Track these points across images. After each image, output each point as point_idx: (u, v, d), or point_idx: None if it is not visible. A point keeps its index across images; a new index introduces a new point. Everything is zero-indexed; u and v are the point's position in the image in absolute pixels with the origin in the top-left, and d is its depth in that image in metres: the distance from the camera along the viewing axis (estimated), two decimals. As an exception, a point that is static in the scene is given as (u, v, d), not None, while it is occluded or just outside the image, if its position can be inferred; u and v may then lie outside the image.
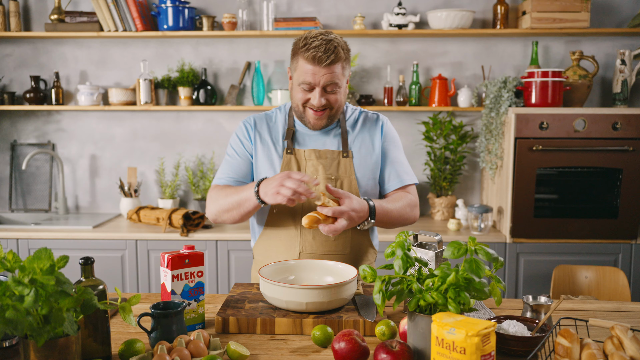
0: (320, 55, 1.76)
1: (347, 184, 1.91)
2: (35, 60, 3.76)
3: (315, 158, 1.92)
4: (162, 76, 3.68)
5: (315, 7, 3.64)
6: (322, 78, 1.80)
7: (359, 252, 1.98)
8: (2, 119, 3.80)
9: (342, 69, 1.84)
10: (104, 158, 3.82)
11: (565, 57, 3.61)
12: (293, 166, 1.92)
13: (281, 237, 1.94)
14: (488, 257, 1.32)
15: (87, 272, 1.34)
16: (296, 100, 1.88)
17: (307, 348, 1.45)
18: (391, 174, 1.98)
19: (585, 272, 2.85)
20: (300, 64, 1.82)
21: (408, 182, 1.99)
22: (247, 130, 1.98)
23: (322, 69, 1.78)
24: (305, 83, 1.82)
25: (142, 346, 1.36)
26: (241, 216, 1.87)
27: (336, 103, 1.87)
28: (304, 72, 1.81)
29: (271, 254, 1.96)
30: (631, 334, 1.27)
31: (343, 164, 1.93)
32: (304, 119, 1.91)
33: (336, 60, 1.79)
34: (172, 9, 3.46)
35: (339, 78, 1.83)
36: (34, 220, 3.66)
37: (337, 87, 1.84)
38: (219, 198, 1.89)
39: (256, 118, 2.01)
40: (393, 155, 2.00)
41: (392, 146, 2.01)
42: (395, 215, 1.89)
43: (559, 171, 3.19)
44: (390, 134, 2.02)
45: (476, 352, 1.14)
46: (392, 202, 1.90)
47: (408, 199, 1.95)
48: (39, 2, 3.70)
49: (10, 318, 1.05)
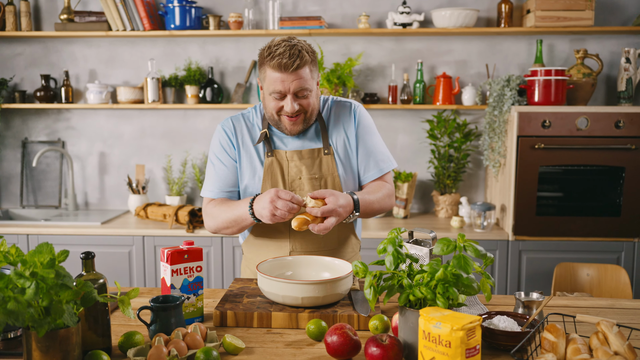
0: (285, 61, 1.76)
1: (330, 181, 1.94)
2: (46, 59, 3.82)
3: (298, 159, 1.93)
4: (170, 75, 3.73)
5: (320, 6, 3.67)
6: (292, 85, 1.80)
7: (345, 244, 2.03)
8: (13, 117, 3.88)
9: (310, 72, 1.84)
10: (112, 155, 3.89)
11: (570, 55, 3.62)
12: (275, 169, 1.93)
13: (271, 237, 1.98)
14: (477, 253, 1.35)
15: (87, 266, 1.39)
16: (270, 110, 1.88)
17: (301, 341, 1.49)
18: (369, 163, 1.99)
19: (587, 270, 2.86)
20: (268, 73, 1.82)
21: (385, 171, 2.01)
22: (228, 136, 1.97)
23: (290, 75, 1.78)
24: (275, 92, 1.82)
25: (141, 338, 1.41)
26: (239, 230, 1.93)
27: (309, 107, 1.87)
28: (273, 80, 1.81)
29: (261, 251, 2.00)
30: (616, 330, 1.30)
31: (325, 161, 1.95)
32: (280, 126, 1.91)
33: (302, 64, 1.79)
34: (179, 9, 3.51)
35: (308, 82, 1.83)
36: (44, 216, 3.73)
37: (308, 91, 1.84)
38: (216, 215, 1.92)
39: (234, 120, 2.00)
40: (368, 144, 2.00)
41: (367, 134, 2.00)
42: (376, 206, 1.93)
43: (561, 169, 3.20)
44: (363, 121, 2.01)
45: (461, 345, 1.17)
46: (372, 194, 1.93)
47: (386, 189, 1.99)
48: (49, 2, 3.77)
49: (11, 309, 1.10)
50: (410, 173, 3.59)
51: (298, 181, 1.94)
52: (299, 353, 1.42)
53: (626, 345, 1.27)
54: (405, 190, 3.54)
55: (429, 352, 1.22)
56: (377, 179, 2.01)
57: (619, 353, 1.26)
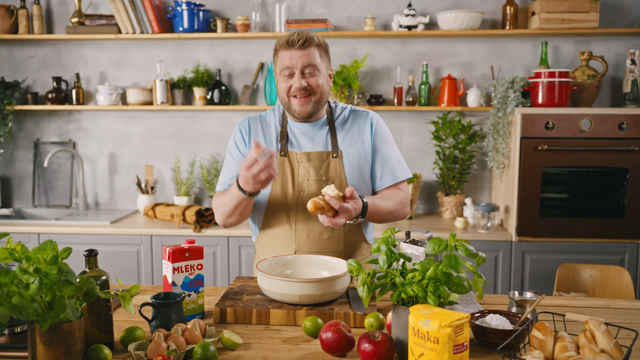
0: (293, 38, 1.90)
1: (337, 183, 1.98)
2: (57, 61, 3.90)
3: (307, 161, 1.99)
4: (178, 77, 3.79)
5: (326, 9, 3.72)
6: (299, 60, 1.90)
7: (353, 248, 2.05)
8: (26, 118, 3.95)
9: (320, 56, 1.94)
10: (122, 156, 3.95)
11: (576, 57, 3.63)
12: (287, 168, 1.99)
13: (277, 236, 2.02)
14: (467, 253, 1.38)
15: (91, 263, 1.44)
16: (281, 93, 1.97)
17: (298, 338, 1.53)
18: (384, 171, 2.03)
19: (590, 271, 2.88)
20: (280, 54, 1.94)
21: (400, 179, 2.04)
22: (242, 135, 2.06)
23: (298, 51, 1.90)
24: (285, 68, 1.92)
25: (142, 333, 1.45)
26: (241, 214, 1.95)
27: (318, 88, 1.94)
28: (283, 59, 1.92)
29: (270, 250, 2.05)
30: (604, 328, 1.32)
31: (333, 164, 1.99)
32: (290, 109, 1.98)
33: (310, 43, 1.91)
34: (187, 12, 3.57)
35: (316, 61, 1.92)
36: (55, 215, 3.80)
37: (316, 70, 1.93)
38: (218, 207, 1.99)
39: (250, 120, 2.09)
40: (384, 152, 2.04)
41: (383, 143, 2.05)
42: (385, 212, 1.95)
43: (565, 171, 3.22)
44: (380, 130, 2.06)
45: (449, 342, 1.20)
46: (383, 200, 1.96)
47: (399, 196, 2.01)
48: (61, 6, 3.84)
49: (15, 304, 1.15)
50: (415, 174, 3.62)
51: (306, 182, 1.98)
52: (295, 349, 1.46)
53: (613, 343, 1.29)
54: (410, 191, 3.57)
55: (418, 348, 1.25)
56: (391, 186, 2.05)
57: (606, 351, 1.28)
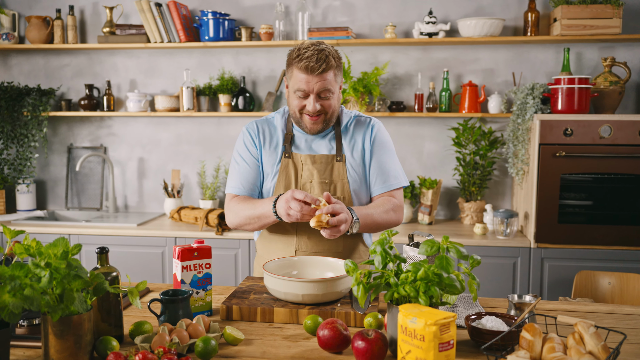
0: (312, 65, 1.90)
1: (340, 187, 2.05)
2: (90, 69, 4.06)
3: (311, 163, 2.05)
4: (204, 84, 3.90)
5: (348, 17, 3.78)
6: (316, 85, 1.94)
7: (352, 250, 2.11)
8: (60, 124, 4.13)
9: (334, 76, 1.97)
10: (150, 161, 4.08)
11: (599, 63, 3.60)
12: (290, 170, 2.06)
13: (279, 236, 2.09)
14: (459, 254, 1.42)
15: (102, 260, 1.53)
16: (293, 107, 2.02)
17: (299, 335, 1.59)
18: (377, 179, 2.09)
19: (609, 279, 2.85)
20: (295, 73, 1.96)
21: (394, 187, 2.09)
22: (252, 137, 2.12)
23: (315, 77, 1.92)
24: (300, 90, 1.96)
25: (150, 327, 1.53)
26: (260, 227, 2.04)
27: (330, 108, 2.00)
28: (299, 80, 1.95)
29: (270, 250, 2.12)
30: (593, 330, 1.35)
31: (336, 168, 2.06)
32: (301, 124, 2.04)
33: (328, 68, 1.93)
34: (213, 21, 3.68)
35: (332, 85, 1.96)
36: (86, 217, 3.95)
37: (330, 93, 1.97)
38: (239, 211, 2.03)
39: (258, 123, 2.15)
40: (380, 160, 2.09)
41: (381, 150, 2.10)
42: (378, 220, 2.00)
43: (584, 177, 3.20)
44: (380, 137, 2.11)
45: (434, 340, 1.25)
46: (373, 208, 2.01)
47: (392, 203, 2.06)
48: (94, 16, 4.00)
49: (27, 295, 1.24)
50: (434, 180, 3.64)
51: (309, 184, 2.05)
52: (294, 345, 1.52)
53: (601, 345, 1.31)
54: (429, 196, 3.60)
55: (406, 346, 1.30)
56: (384, 193, 2.09)
57: (593, 353, 1.31)
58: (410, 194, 3.67)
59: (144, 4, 3.66)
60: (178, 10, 3.69)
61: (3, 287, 1.25)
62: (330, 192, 2.05)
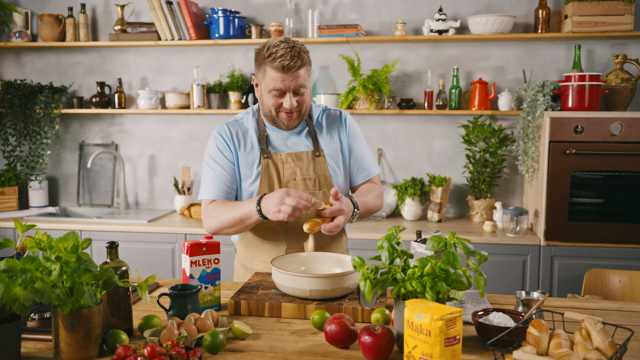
0: (288, 63, 1.91)
1: (322, 181, 2.07)
2: (101, 67, 4.09)
3: (292, 161, 2.06)
4: (214, 81, 3.92)
5: (358, 14, 3.78)
6: (292, 83, 1.96)
7: (336, 240, 2.17)
8: (72, 121, 4.16)
9: (307, 71, 2.01)
10: (161, 158, 4.11)
11: (611, 60, 3.58)
12: (271, 170, 2.05)
13: (265, 235, 2.09)
14: (466, 250, 1.43)
15: (112, 254, 1.54)
16: (268, 106, 2.01)
17: (306, 330, 1.60)
18: (359, 168, 2.17)
19: (619, 277, 2.84)
20: (269, 72, 1.95)
21: (374, 174, 2.20)
22: (226, 141, 2.07)
23: (291, 75, 1.94)
24: (275, 89, 1.96)
25: (159, 321, 1.55)
26: (242, 229, 2.01)
27: (304, 104, 2.03)
28: (274, 79, 1.95)
29: (255, 249, 2.11)
30: (600, 326, 1.34)
31: (317, 163, 2.08)
32: (276, 122, 2.05)
33: (302, 65, 1.96)
34: (223, 19, 3.69)
35: (305, 80, 2.00)
36: (97, 214, 3.99)
37: (305, 89, 2.01)
38: (219, 215, 1.99)
39: (229, 126, 2.10)
40: (358, 150, 2.17)
41: (356, 141, 2.18)
42: (371, 207, 2.11)
43: (594, 175, 3.18)
44: (352, 128, 2.18)
45: (440, 335, 1.25)
46: (365, 195, 2.09)
47: (376, 190, 2.17)
48: (105, 15, 4.03)
49: (38, 288, 1.26)
50: (444, 177, 3.64)
51: (292, 182, 2.05)
52: (302, 340, 1.53)
53: (608, 341, 1.31)
54: (439, 194, 3.59)
55: (412, 340, 1.30)
56: (366, 182, 2.20)
57: (600, 349, 1.30)
58: (419, 191, 3.67)
59: (154, 2, 3.68)
60: (189, 8, 3.71)
61: (14, 280, 1.27)
62: (315, 187, 2.06)
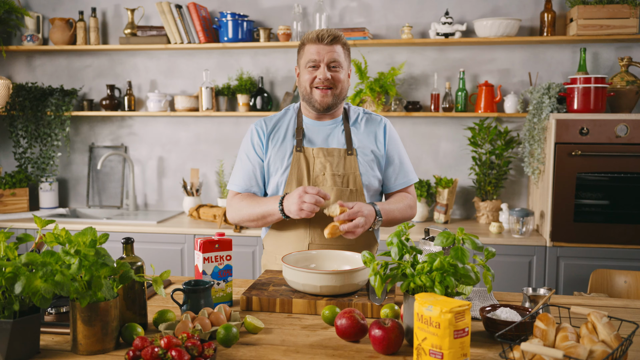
0: (322, 34, 2.05)
1: (352, 179, 2.10)
2: (111, 70, 4.14)
3: (323, 156, 2.11)
4: (223, 84, 3.97)
5: (365, 18, 3.82)
6: (326, 55, 2.05)
7: (363, 244, 2.17)
8: (82, 123, 4.21)
9: (344, 54, 2.09)
10: (170, 160, 4.16)
11: (616, 63, 3.61)
12: (302, 163, 2.11)
13: (291, 230, 2.13)
14: (474, 246, 1.46)
15: (127, 250, 1.58)
16: (304, 83, 2.11)
17: (317, 325, 1.63)
18: (397, 176, 2.19)
19: (625, 277, 2.86)
20: (307, 48, 2.08)
21: (413, 182, 2.22)
22: (260, 136, 2.17)
23: (325, 46, 2.05)
24: (311, 61, 2.07)
25: (173, 316, 1.58)
26: (263, 225, 2.13)
27: (339, 83, 2.09)
28: (310, 53, 2.07)
29: (281, 245, 2.16)
30: (606, 320, 1.37)
31: (348, 161, 2.11)
32: (311, 100, 2.11)
33: (337, 40, 2.06)
34: (232, 22, 3.74)
35: (341, 58, 2.08)
36: (107, 215, 4.03)
37: (340, 67, 2.08)
38: (242, 208, 2.11)
39: (266, 121, 2.21)
40: (398, 157, 2.20)
41: (396, 148, 2.21)
42: (398, 216, 2.12)
43: (600, 176, 3.21)
44: (392, 135, 2.21)
45: (449, 327, 1.28)
46: (394, 204, 2.12)
47: (408, 200, 2.19)
48: (115, 18, 4.09)
49: (58, 281, 1.30)
50: (450, 179, 3.67)
51: (322, 177, 2.10)
52: (313, 334, 1.56)
53: (613, 335, 1.34)
54: (445, 195, 3.62)
55: (422, 333, 1.33)
56: (402, 190, 2.22)
57: (605, 342, 1.33)
58: (426, 192, 3.70)
59: (164, 6, 3.73)
60: (198, 12, 3.76)
61: (35, 273, 1.30)
62: (343, 184, 2.11)
